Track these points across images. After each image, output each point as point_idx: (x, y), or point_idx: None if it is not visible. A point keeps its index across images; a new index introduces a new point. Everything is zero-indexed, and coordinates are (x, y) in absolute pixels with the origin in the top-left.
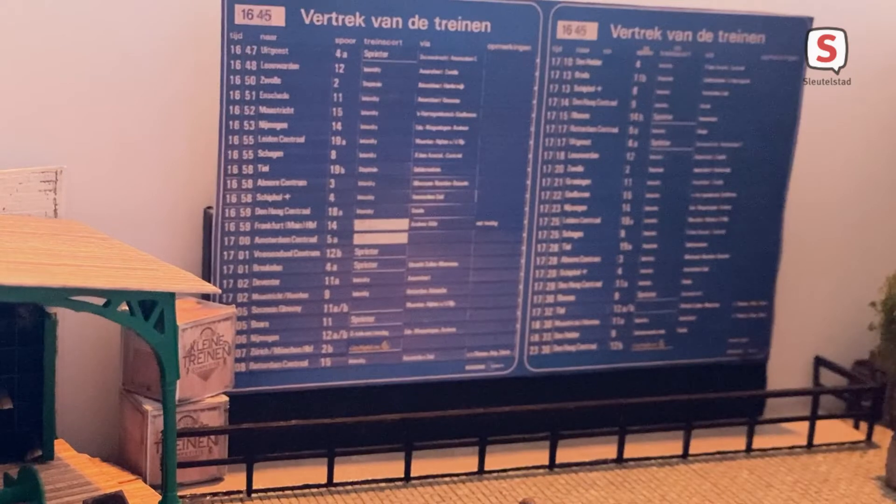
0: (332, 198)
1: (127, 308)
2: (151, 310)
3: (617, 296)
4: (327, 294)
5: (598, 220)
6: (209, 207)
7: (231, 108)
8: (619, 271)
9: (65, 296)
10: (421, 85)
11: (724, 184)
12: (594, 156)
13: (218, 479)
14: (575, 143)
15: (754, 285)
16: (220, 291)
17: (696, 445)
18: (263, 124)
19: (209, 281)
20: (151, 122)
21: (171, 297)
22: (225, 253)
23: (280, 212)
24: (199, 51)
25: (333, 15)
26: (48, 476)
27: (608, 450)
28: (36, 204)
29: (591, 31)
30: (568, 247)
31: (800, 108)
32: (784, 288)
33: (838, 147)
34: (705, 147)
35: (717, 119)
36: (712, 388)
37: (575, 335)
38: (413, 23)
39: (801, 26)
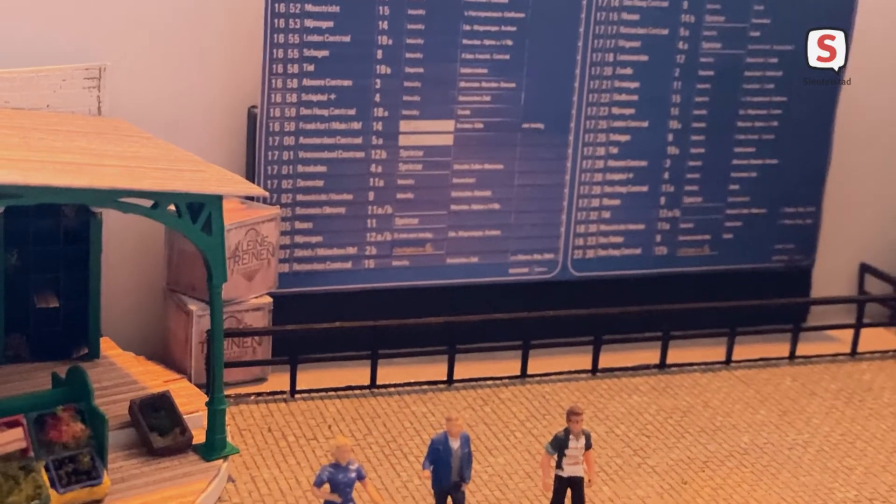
0: (377, 98)
1: (174, 210)
2: (199, 212)
3: (663, 200)
4: (371, 196)
5: (645, 124)
6: (253, 107)
7: (276, 5)
8: (666, 176)
9: (113, 198)
10: None
11: (774, 87)
12: (643, 58)
13: (262, 380)
14: (624, 44)
15: (802, 191)
16: (267, 194)
17: (740, 352)
18: (309, 23)
19: (253, 181)
20: (196, 20)
21: (218, 199)
22: (269, 153)
23: (325, 112)
24: None
25: None
26: (94, 374)
27: (651, 355)
28: (79, 101)
29: None
30: (614, 150)
31: (855, 9)
32: (832, 194)
33: (892, 49)
34: (757, 50)
35: (770, 21)
36: (757, 295)
37: (619, 240)
38: None
39: None
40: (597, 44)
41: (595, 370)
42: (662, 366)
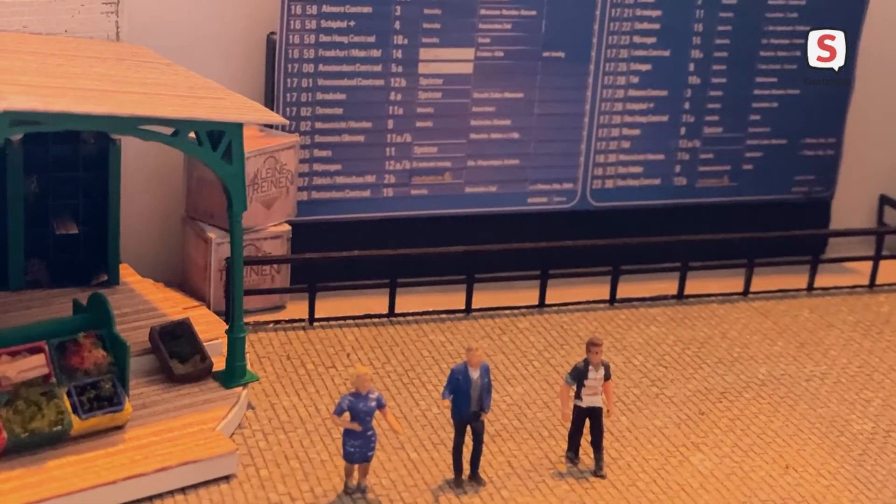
0: (397, 25)
1: (195, 137)
2: (219, 140)
3: (683, 130)
4: (391, 124)
5: (666, 53)
6: (272, 33)
7: None
8: (686, 105)
9: (134, 125)
10: None
11: (798, 17)
12: None
13: (280, 308)
14: None
15: (824, 122)
16: (288, 122)
17: (758, 283)
18: None
19: (272, 109)
20: None
21: (239, 127)
22: (288, 80)
23: (345, 39)
24: None
25: None
26: (114, 301)
27: (669, 286)
28: (98, 26)
29: None
30: (635, 80)
31: None
32: (853, 125)
33: None
34: None
35: None
36: (776, 226)
37: (639, 170)
38: None
39: None
40: None
41: (613, 300)
42: (680, 296)
